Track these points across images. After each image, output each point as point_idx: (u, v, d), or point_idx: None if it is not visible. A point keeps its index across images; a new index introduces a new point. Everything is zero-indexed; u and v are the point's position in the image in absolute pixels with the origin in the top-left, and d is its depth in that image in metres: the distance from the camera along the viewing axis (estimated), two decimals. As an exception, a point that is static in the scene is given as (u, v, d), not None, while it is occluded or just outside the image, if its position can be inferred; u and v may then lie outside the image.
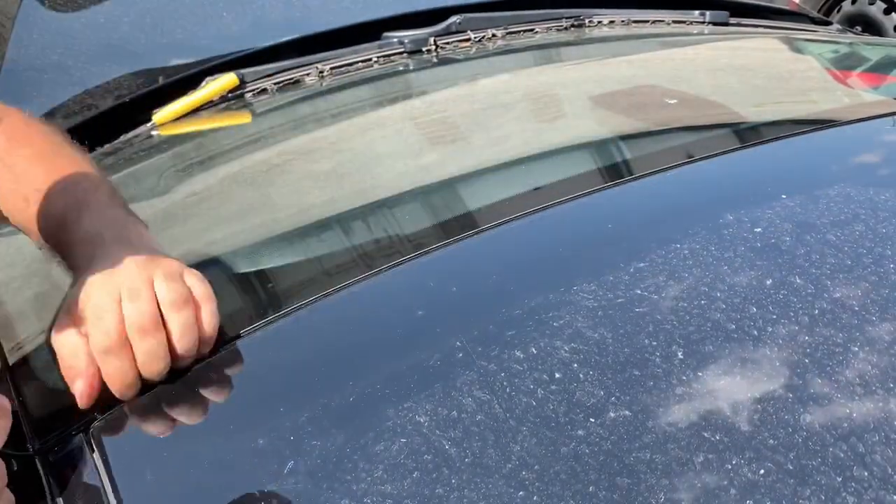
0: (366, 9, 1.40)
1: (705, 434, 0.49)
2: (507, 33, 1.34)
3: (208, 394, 0.62)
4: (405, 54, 1.28)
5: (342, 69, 1.25)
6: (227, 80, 1.18)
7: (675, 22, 1.46)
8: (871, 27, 3.37)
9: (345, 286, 0.68)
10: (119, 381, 0.58)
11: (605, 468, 0.48)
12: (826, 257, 0.63)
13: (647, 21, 1.45)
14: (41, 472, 0.57)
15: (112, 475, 0.54)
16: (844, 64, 1.34)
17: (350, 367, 0.59)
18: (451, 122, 1.08)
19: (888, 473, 0.46)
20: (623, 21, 1.44)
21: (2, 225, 0.98)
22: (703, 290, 0.61)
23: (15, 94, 1.16)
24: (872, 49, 1.46)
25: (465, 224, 0.77)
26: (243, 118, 1.17)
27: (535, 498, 0.47)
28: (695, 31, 1.45)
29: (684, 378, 0.53)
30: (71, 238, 0.65)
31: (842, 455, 0.48)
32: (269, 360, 0.64)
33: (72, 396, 0.58)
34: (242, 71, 1.20)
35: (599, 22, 1.42)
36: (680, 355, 0.55)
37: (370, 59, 1.26)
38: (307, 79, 1.23)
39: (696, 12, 1.47)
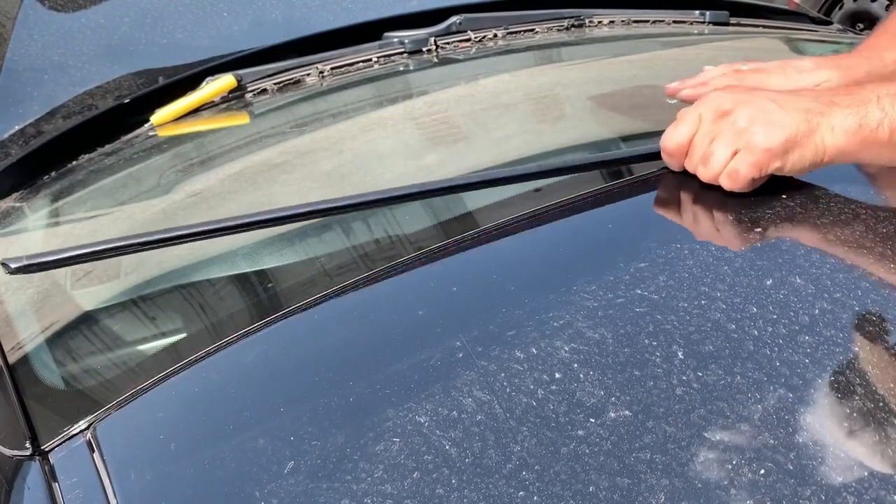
0: (366, 9, 1.40)
1: (705, 434, 0.49)
2: (508, 33, 1.34)
3: (208, 394, 0.62)
4: (405, 54, 1.28)
5: (342, 69, 1.24)
6: (225, 81, 1.18)
7: (675, 22, 1.46)
8: (873, 24, 3.36)
9: (345, 286, 0.68)
10: None
11: (605, 468, 0.48)
12: (826, 258, 0.63)
13: (648, 21, 1.44)
14: (41, 472, 0.57)
15: (112, 475, 0.55)
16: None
17: (350, 367, 0.59)
18: (452, 123, 1.08)
19: (888, 473, 0.46)
20: (623, 21, 1.44)
21: (1, 225, 0.99)
22: (703, 289, 0.61)
23: (15, 94, 1.16)
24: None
25: (465, 224, 0.77)
26: (243, 118, 1.17)
27: (535, 498, 0.47)
28: (695, 31, 1.45)
29: (684, 378, 0.53)
30: None
31: (842, 455, 0.48)
32: (270, 360, 0.64)
33: (72, 396, 0.58)
34: (241, 72, 1.20)
35: (600, 22, 1.42)
36: (680, 355, 0.55)
37: (370, 59, 1.26)
38: (307, 79, 1.23)
39: (697, 12, 1.47)
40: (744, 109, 0.68)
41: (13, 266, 0.65)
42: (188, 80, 1.21)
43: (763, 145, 0.66)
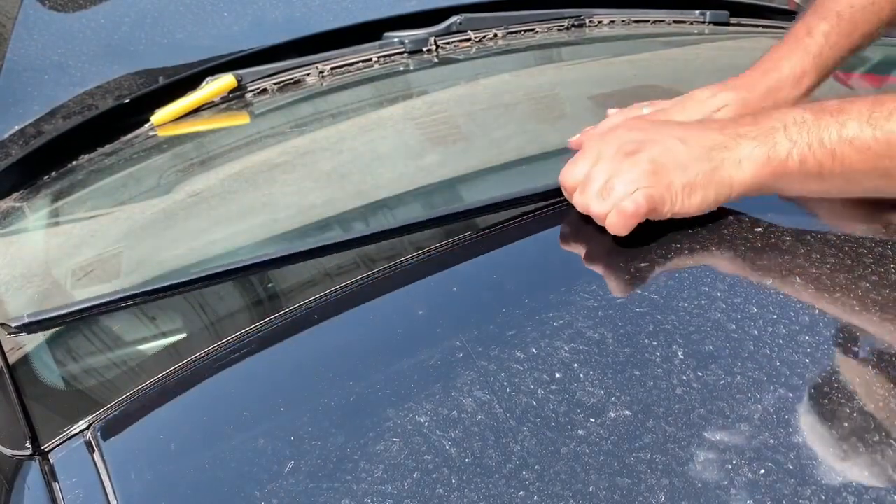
0: (366, 9, 1.40)
1: (705, 434, 0.49)
2: (508, 33, 1.34)
3: (208, 394, 0.62)
4: (405, 54, 1.28)
5: (342, 69, 1.25)
6: (225, 81, 1.18)
7: (675, 22, 1.46)
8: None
9: (345, 286, 0.68)
10: None
11: (605, 468, 0.48)
12: (827, 258, 0.63)
13: (648, 21, 1.44)
14: (41, 472, 0.58)
15: (112, 475, 0.55)
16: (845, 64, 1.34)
17: (350, 366, 0.59)
18: (452, 123, 1.08)
19: (888, 473, 0.46)
20: (623, 21, 1.44)
21: (1, 225, 0.99)
22: (703, 289, 0.61)
23: (15, 94, 1.16)
24: (873, 49, 1.45)
25: (465, 224, 0.77)
26: (243, 118, 1.17)
27: (535, 498, 0.47)
28: (695, 31, 1.45)
29: (684, 378, 0.53)
30: None
31: (842, 455, 0.48)
32: (270, 360, 0.64)
33: (72, 396, 0.58)
34: (241, 72, 1.20)
35: (600, 22, 1.42)
36: (680, 355, 0.55)
37: (370, 59, 1.26)
38: (307, 79, 1.23)
39: (697, 12, 1.47)
40: (648, 150, 0.66)
41: (14, 325, 0.66)
42: (188, 80, 1.21)
43: (664, 189, 0.64)
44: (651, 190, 0.64)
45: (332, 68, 1.24)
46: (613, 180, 0.66)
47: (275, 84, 1.21)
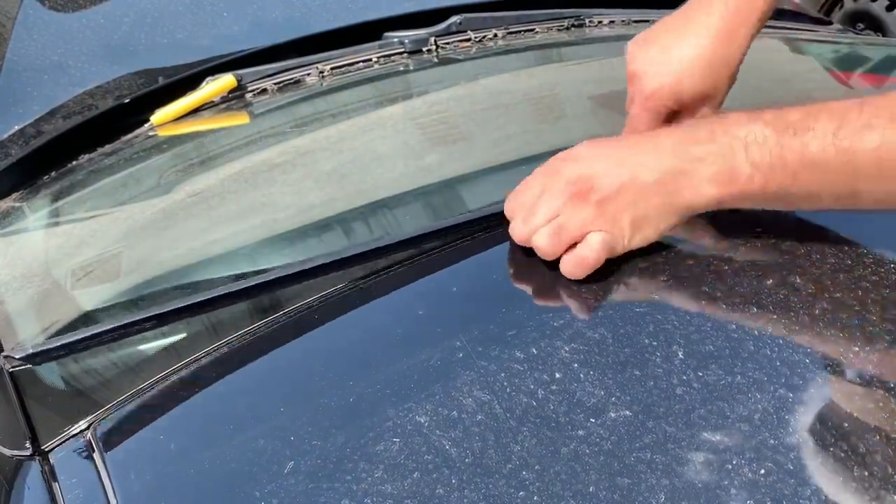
0: (366, 9, 1.40)
1: (705, 434, 0.49)
2: (508, 33, 1.34)
3: (208, 394, 0.62)
4: (405, 54, 1.28)
5: (342, 69, 1.25)
6: (225, 81, 1.18)
7: (675, 22, 1.46)
8: (874, 24, 3.35)
9: (345, 286, 0.68)
10: None
11: (605, 468, 0.48)
12: (827, 258, 0.63)
13: (648, 21, 1.44)
14: (41, 472, 0.58)
15: (112, 475, 0.55)
16: (845, 64, 1.34)
17: (350, 366, 0.59)
18: (452, 123, 1.08)
19: (889, 473, 0.46)
20: (623, 21, 1.44)
21: (1, 225, 0.99)
22: (704, 289, 0.61)
23: (15, 94, 1.16)
24: (873, 49, 1.46)
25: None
26: (243, 118, 1.17)
27: (535, 498, 0.47)
28: (695, 31, 1.44)
29: (685, 378, 0.53)
30: None
31: (842, 455, 0.48)
32: (269, 360, 0.64)
33: (72, 396, 0.58)
34: (241, 72, 1.20)
35: (600, 22, 1.42)
36: (680, 355, 0.55)
37: (370, 59, 1.26)
38: (307, 79, 1.23)
39: (697, 12, 1.47)
40: (597, 188, 0.62)
41: (17, 357, 0.66)
42: (188, 80, 1.21)
43: (617, 231, 0.62)
44: (605, 235, 0.61)
45: (332, 68, 1.24)
46: (563, 220, 0.62)
47: (275, 84, 1.21)
